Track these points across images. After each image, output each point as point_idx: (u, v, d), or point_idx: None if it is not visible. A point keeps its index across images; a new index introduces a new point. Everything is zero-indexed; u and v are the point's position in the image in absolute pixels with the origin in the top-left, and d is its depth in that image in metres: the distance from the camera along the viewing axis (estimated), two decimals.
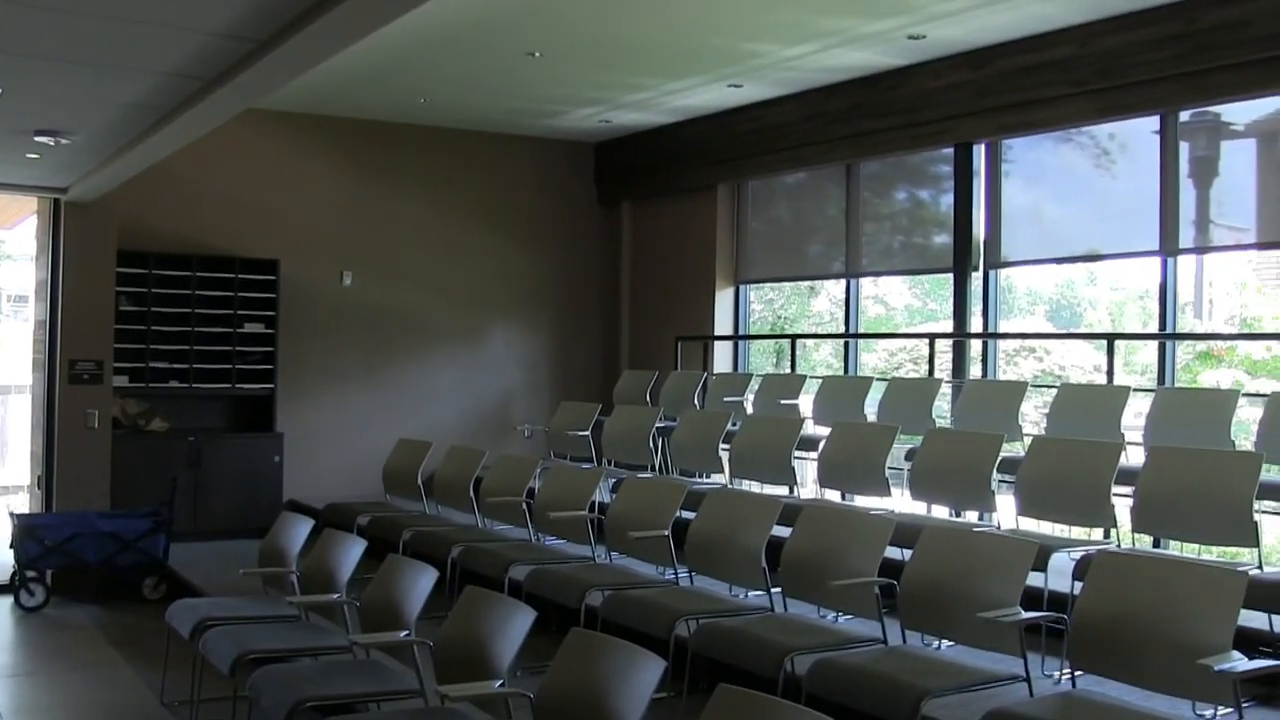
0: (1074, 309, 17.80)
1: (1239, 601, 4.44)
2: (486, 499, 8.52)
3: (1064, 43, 8.81)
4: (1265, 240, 9.09)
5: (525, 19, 8.89)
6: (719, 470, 8.99)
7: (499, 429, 12.84)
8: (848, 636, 5.58)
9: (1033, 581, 5.79)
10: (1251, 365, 11.83)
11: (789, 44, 9.45)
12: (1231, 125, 8.80)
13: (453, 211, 13.02)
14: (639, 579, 6.88)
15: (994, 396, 8.54)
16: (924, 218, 10.85)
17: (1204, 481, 6.06)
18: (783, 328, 15.34)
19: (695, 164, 12.49)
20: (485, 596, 5.14)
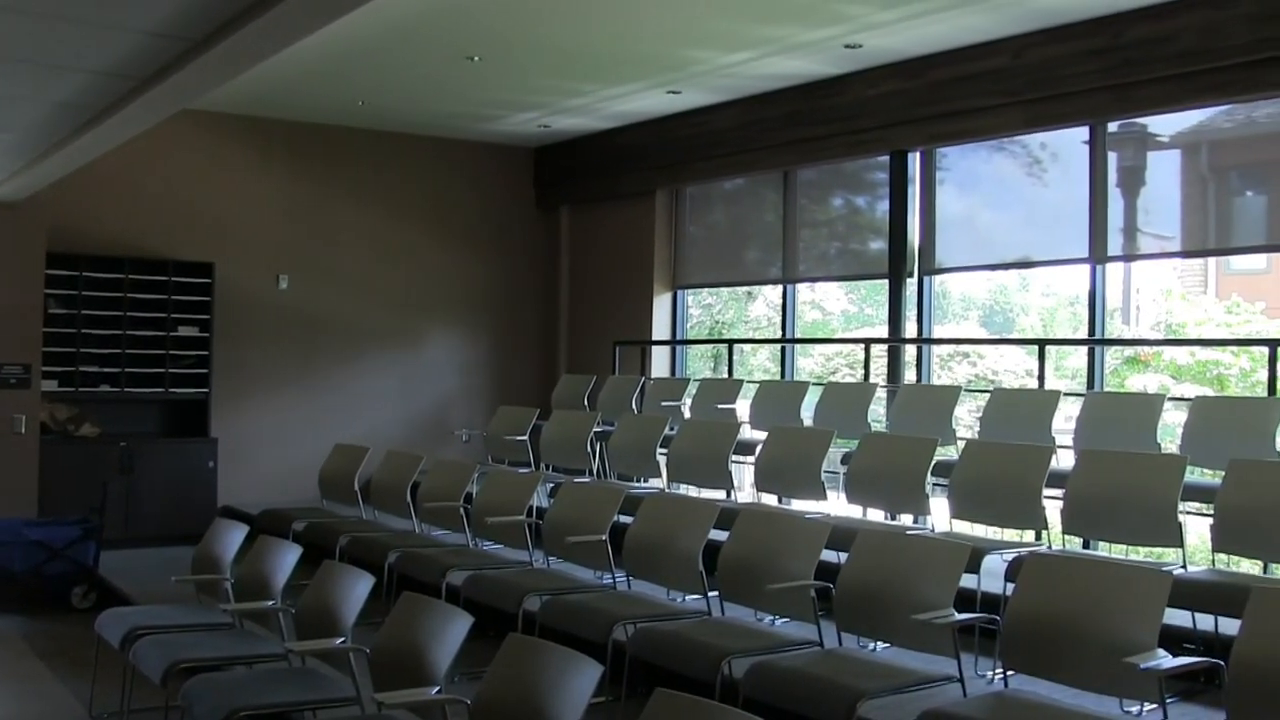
0: (1007, 314, 18.03)
1: (1163, 601, 4.53)
2: (424, 504, 8.49)
3: (996, 54, 8.95)
4: (1189, 249, 9.28)
5: (464, 23, 8.89)
6: (657, 474, 9.03)
7: (437, 434, 12.79)
8: (784, 639, 5.63)
9: (967, 583, 5.87)
10: (1176, 370, 12.08)
11: (727, 51, 9.51)
12: (1158, 137, 8.98)
13: (391, 215, 12.97)
14: (577, 583, 6.88)
15: (928, 401, 8.64)
16: (860, 224, 10.96)
17: (1131, 484, 6.19)
18: (720, 332, 15.40)
19: (634, 169, 12.52)
20: (422, 602, 5.12)
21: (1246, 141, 8.68)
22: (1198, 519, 6.66)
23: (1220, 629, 5.62)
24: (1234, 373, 11.81)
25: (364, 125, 12.59)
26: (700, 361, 14.11)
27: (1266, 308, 13.36)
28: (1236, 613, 4.36)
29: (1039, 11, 8.28)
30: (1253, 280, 16.42)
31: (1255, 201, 8.76)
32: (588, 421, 9.73)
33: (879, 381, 9.97)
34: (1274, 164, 8.30)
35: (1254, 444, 6.71)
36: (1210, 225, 8.81)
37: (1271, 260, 15.28)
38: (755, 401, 9.68)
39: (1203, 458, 6.98)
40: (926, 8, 8.24)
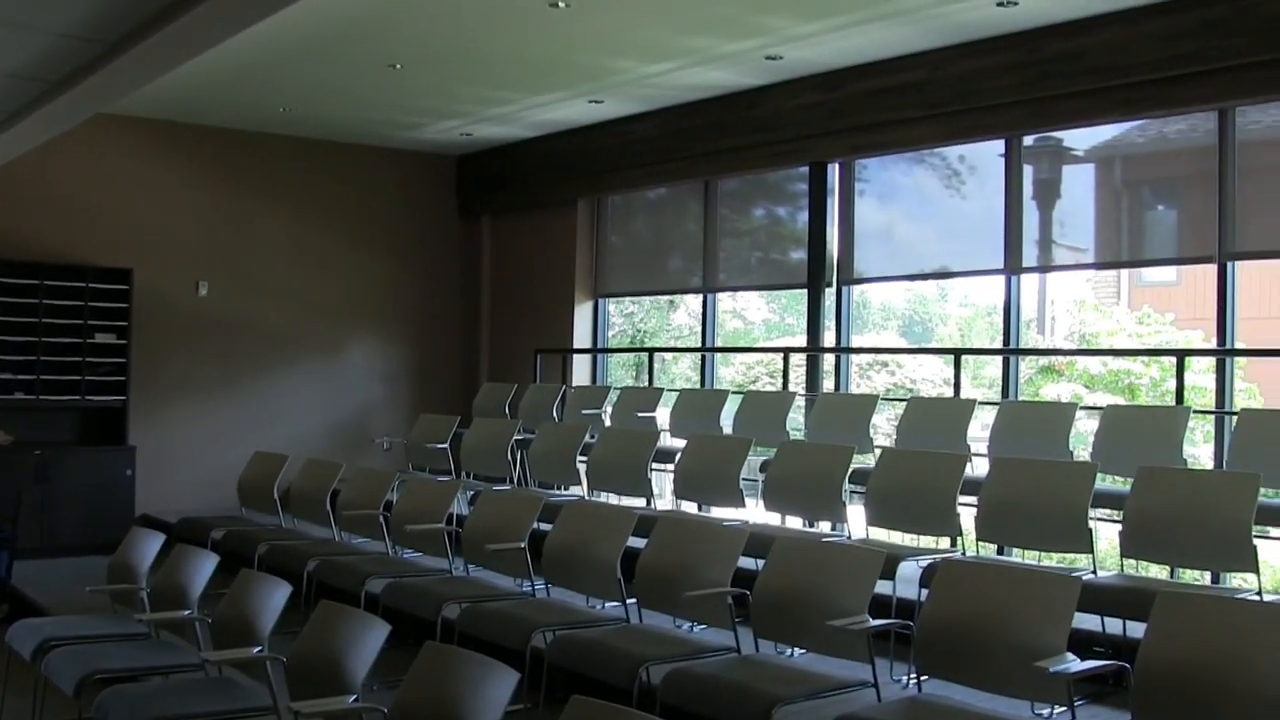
0: (926, 324, 18.26)
1: (1072, 605, 4.62)
2: (343, 512, 8.43)
3: (915, 67, 9.08)
4: (1102, 260, 9.47)
5: (386, 30, 8.85)
6: (577, 482, 9.03)
7: (358, 441, 12.71)
8: (701, 646, 5.66)
9: (883, 589, 5.96)
10: (1089, 379, 12.32)
11: (649, 61, 9.56)
12: (1073, 151, 9.15)
13: (313, 222, 12.87)
14: (496, 591, 6.87)
15: (846, 410, 8.73)
16: (782, 234, 11.05)
17: (1043, 491, 6.30)
18: (643, 341, 15.45)
19: (556, 178, 12.54)
20: (339, 611, 5.09)
21: (1158, 156, 8.87)
22: (1108, 525, 6.79)
23: (1129, 632, 5.73)
24: (1145, 382, 12.07)
25: (286, 132, 12.49)
26: (622, 370, 14.14)
27: (1176, 319, 13.67)
28: (1143, 616, 4.44)
29: (957, 26, 8.42)
30: (1164, 292, 16.78)
31: (1166, 215, 8.96)
32: (508, 429, 9.72)
33: (798, 390, 10.06)
34: (1184, 179, 8.49)
35: (1162, 452, 6.87)
36: (1123, 238, 9.00)
37: (1182, 273, 15.63)
38: (675, 410, 9.73)
39: (1113, 465, 7.13)
40: (846, 21, 8.34)
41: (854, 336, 10.61)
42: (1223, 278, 7.92)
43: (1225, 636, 4.19)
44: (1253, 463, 6.33)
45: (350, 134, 12.64)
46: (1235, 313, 7.97)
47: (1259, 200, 7.87)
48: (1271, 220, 7.91)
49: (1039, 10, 7.99)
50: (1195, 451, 9.95)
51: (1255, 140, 7.93)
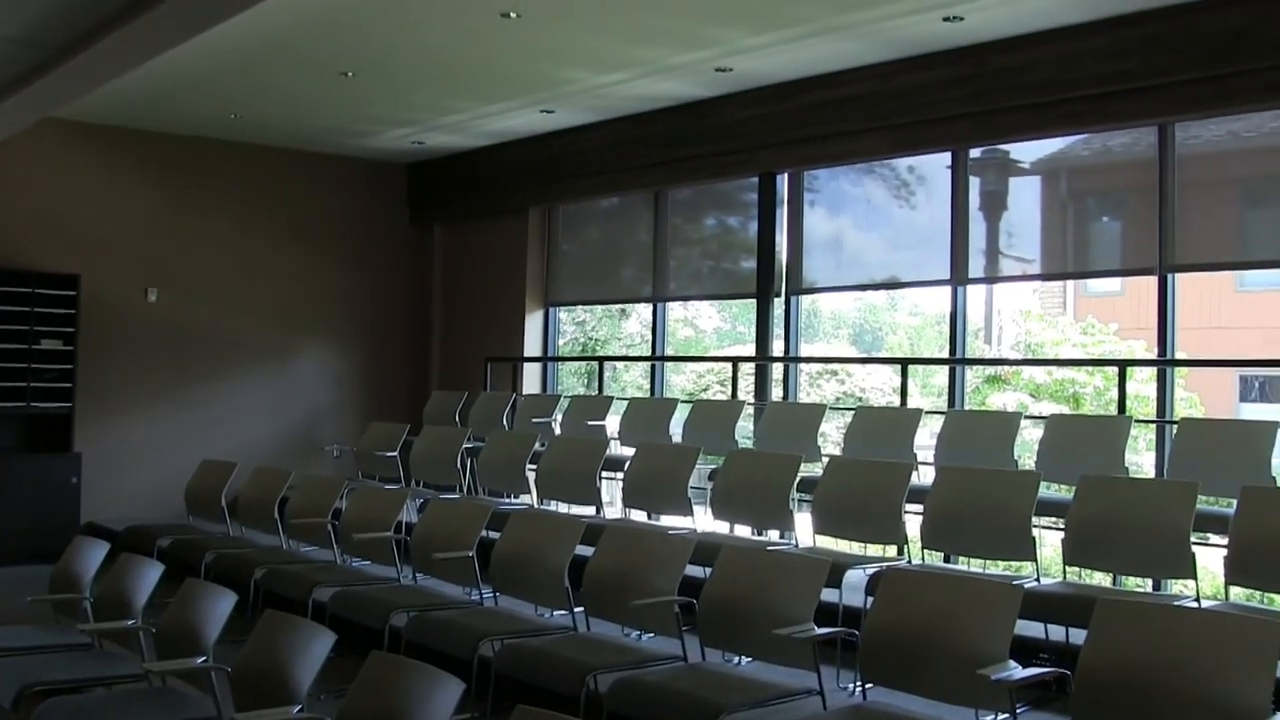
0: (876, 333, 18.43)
1: (1014, 614, 4.68)
2: (291, 520, 8.40)
3: (863, 80, 9.17)
4: (1048, 272, 9.59)
5: (337, 38, 8.82)
6: (526, 491, 9.04)
7: (308, 449, 12.64)
8: (649, 655, 5.68)
9: (829, 598, 6.01)
10: (1035, 388, 12.49)
11: (600, 72, 9.59)
12: (1019, 163, 9.26)
13: (264, 229, 12.79)
14: (444, 600, 6.87)
15: (794, 418, 8.79)
16: (733, 243, 11.10)
17: (987, 499, 6.38)
18: (594, 349, 15.48)
19: (507, 187, 12.54)
20: (285, 620, 5.07)
21: (1103, 169, 9.00)
22: (1053, 533, 6.88)
23: (1071, 639, 5.81)
24: (1089, 391, 12.26)
25: (237, 138, 12.41)
26: (574, 378, 14.16)
27: (1120, 329, 13.89)
28: (1085, 623, 4.50)
29: (904, 40, 8.51)
30: (1108, 302, 17.02)
31: (1110, 227, 9.08)
32: (458, 437, 9.71)
33: (746, 399, 10.12)
34: (1129, 191, 8.61)
35: (1104, 460, 6.97)
36: (1068, 250, 9.11)
37: (1126, 284, 15.85)
38: (625, 418, 9.75)
39: (1057, 474, 7.23)
40: (795, 34, 8.40)
41: (805, 345, 10.69)
42: (1163, 289, 8.04)
43: (1163, 643, 4.25)
44: (1192, 471, 6.46)
45: (301, 141, 12.59)
46: (1175, 324, 8.08)
47: (1198, 214, 8.00)
48: (1210, 233, 8.04)
49: (984, 25, 8.09)
50: (1139, 460, 10.09)
51: (1194, 155, 8.07)
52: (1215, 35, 7.40)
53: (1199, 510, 5.87)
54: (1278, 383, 16.84)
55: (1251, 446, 6.65)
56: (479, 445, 9.74)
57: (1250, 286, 17.09)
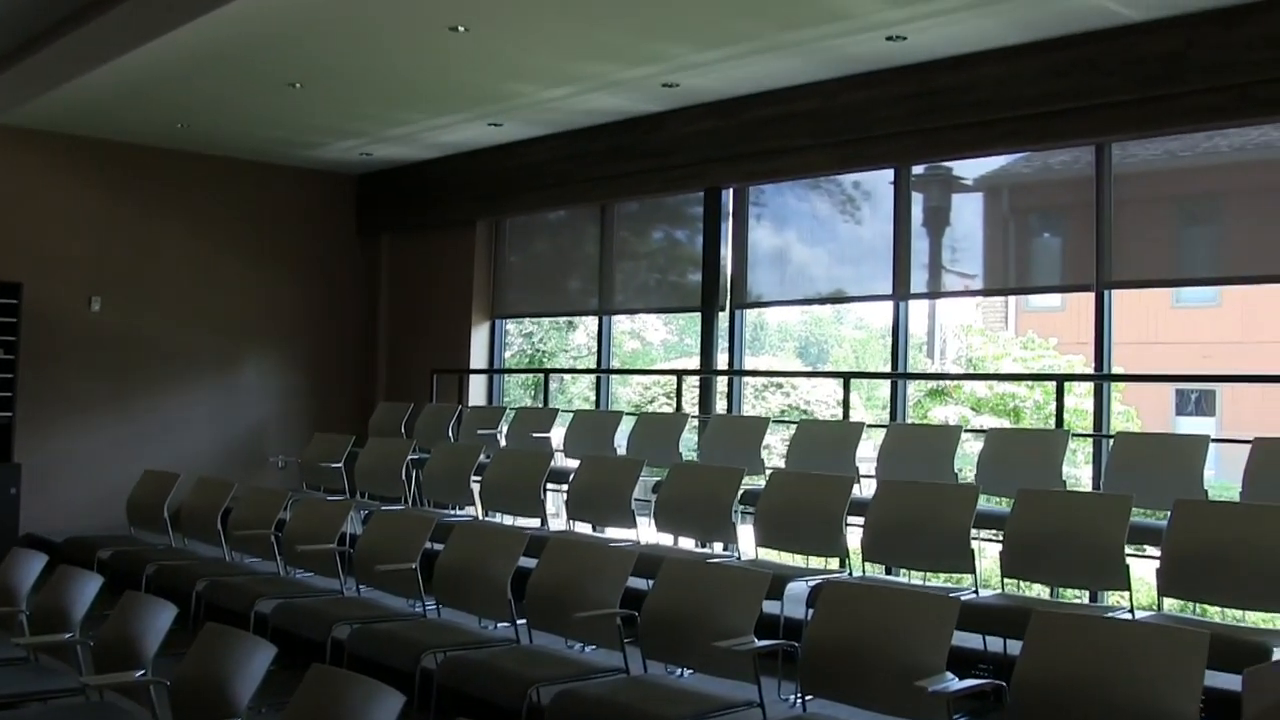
0: (822, 346, 18.57)
1: (951, 626, 4.73)
2: (234, 532, 8.34)
3: (808, 97, 9.27)
4: (990, 288, 9.71)
5: (286, 49, 8.80)
6: (471, 503, 9.03)
7: (253, 460, 12.56)
8: (591, 667, 5.70)
9: (771, 610, 6.06)
10: (976, 402, 12.63)
11: (547, 86, 9.63)
12: (962, 179, 9.37)
13: (210, 239, 12.71)
14: (387, 612, 6.85)
15: (738, 431, 8.85)
16: (679, 257, 11.15)
17: (927, 512, 6.45)
18: (542, 361, 15.49)
19: (455, 199, 12.55)
20: (225, 633, 5.03)
21: (1043, 186, 9.13)
22: (994, 545, 6.97)
23: (1010, 651, 5.87)
24: (1029, 405, 12.42)
25: (184, 147, 12.33)
26: (521, 390, 14.17)
27: (1059, 344, 14.09)
28: (1022, 635, 4.56)
29: (849, 58, 8.61)
30: (1049, 318, 17.29)
31: (1051, 243, 9.20)
32: (403, 449, 9.69)
33: (691, 412, 10.17)
34: (1068, 208, 8.73)
35: (1042, 474, 7.06)
36: (1010, 265, 9.23)
37: (1066, 299, 16.09)
38: (570, 431, 9.78)
39: (996, 486, 7.32)
40: (741, 50, 8.49)
41: (752, 357, 10.75)
42: (1100, 305, 8.18)
43: (1096, 654, 4.33)
44: (1127, 484, 6.57)
45: (249, 151, 12.53)
46: (1111, 339, 8.21)
47: (1134, 231, 8.15)
48: (1146, 250, 8.19)
49: (927, 45, 8.21)
50: (1077, 473, 10.23)
51: (1131, 173, 8.22)
52: (1150, 58, 7.56)
53: (1134, 523, 5.97)
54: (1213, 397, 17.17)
55: (1184, 460, 6.78)
56: (424, 457, 9.72)
57: (1186, 303, 17.43)
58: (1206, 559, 5.56)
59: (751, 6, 7.67)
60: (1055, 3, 7.36)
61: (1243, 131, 7.76)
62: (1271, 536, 5.41)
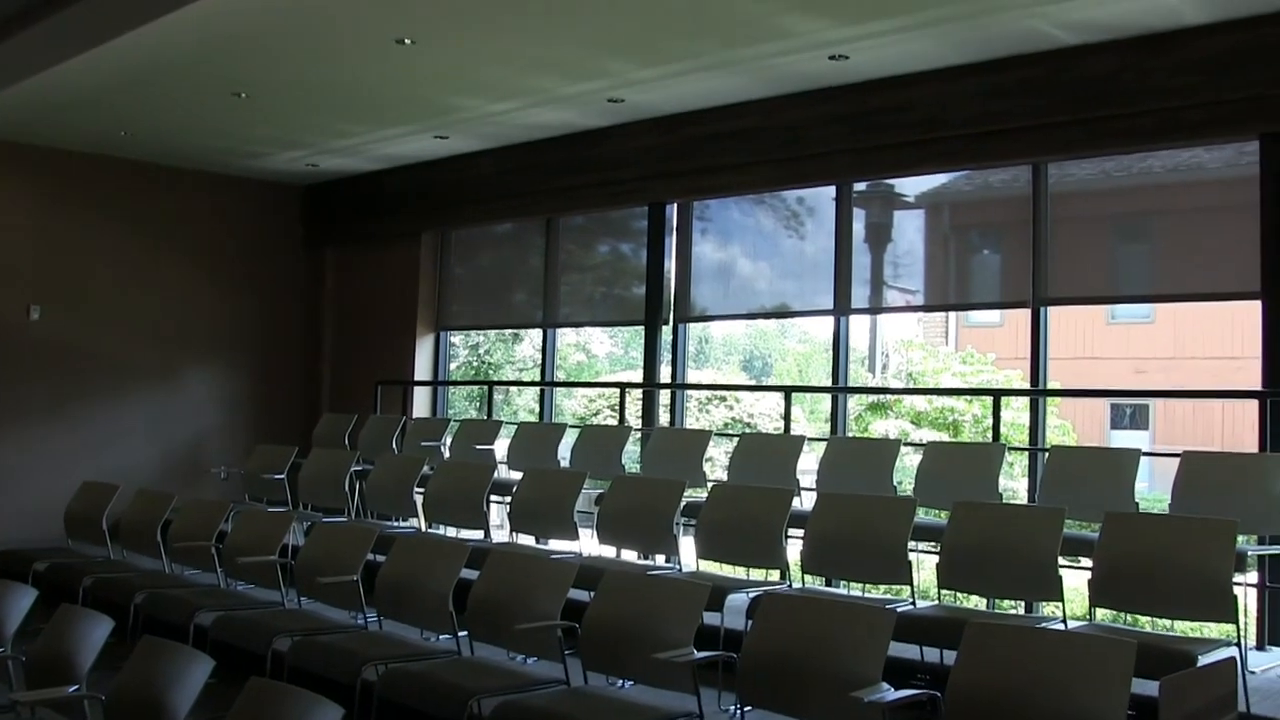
0: (766, 359, 18.70)
1: (887, 636, 4.81)
2: (174, 544, 8.29)
3: (750, 114, 9.37)
4: (931, 303, 9.84)
5: (231, 59, 8.77)
6: (414, 514, 9.03)
7: (195, 472, 12.45)
8: (532, 678, 5.72)
9: (712, 621, 6.11)
10: (916, 416, 12.78)
11: (494, 100, 9.67)
12: (904, 197, 9.50)
13: (152, 248, 12.61)
14: (328, 624, 6.84)
15: (680, 444, 8.91)
16: (625, 270, 11.21)
17: (865, 525, 6.54)
18: (488, 373, 15.50)
19: (400, 211, 12.55)
20: (162, 646, 5.02)
21: (983, 204, 9.27)
22: (932, 557, 7.07)
23: (946, 661, 5.95)
24: (968, 419, 12.58)
25: (127, 155, 12.22)
26: (467, 401, 14.17)
27: (998, 359, 14.29)
28: (957, 645, 4.64)
29: (791, 77, 8.72)
30: (988, 333, 17.54)
31: (990, 260, 9.34)
32: (346, 460, 9.67)
33: (634, 425, 10.22)
34: (1008, 226, 8.85)
35: (979, 487, 7.19)
36: (950, 281, 9.36)
37: (1005, 315, 16.34)
38: (513, 443, 9.79)
39: (934, 499, 7.44)
40: (683, 68, 8.58)
41: (697, 370, 10.81)
42: (1036, 321, 8.32)
43: (1028, 664, 4.42)
44: (1061, 497, 6.70)
45: (193, 160, 12.45)
46: (1048, 354, 8.35)
47: (1070, 249, 8.30)
48: (1081, 268, 8.35)
49: (867, 65, 8.33)
50: (1015, 485, 10.39)
51: (1068, 192, 8.38)
52: (1084, 81, 7.73)
53: (1068, 534, 6.09)
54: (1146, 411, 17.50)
55: (1117, 473, 6.92)
56: (368, 468, 9.71)
57: (1121, 319, 17.75)
58: (1136, 570, 5.67)
59: (696, 25, 7.76)
60: (993, 25, 7.51)
61: (1175, 153, 7.94)
62: (1198, 548, 5.53)
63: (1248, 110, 7.21)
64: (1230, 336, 15.51)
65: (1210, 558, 5.46)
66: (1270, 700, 5.59)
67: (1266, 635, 6.81)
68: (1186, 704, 4.16)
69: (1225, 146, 7.66)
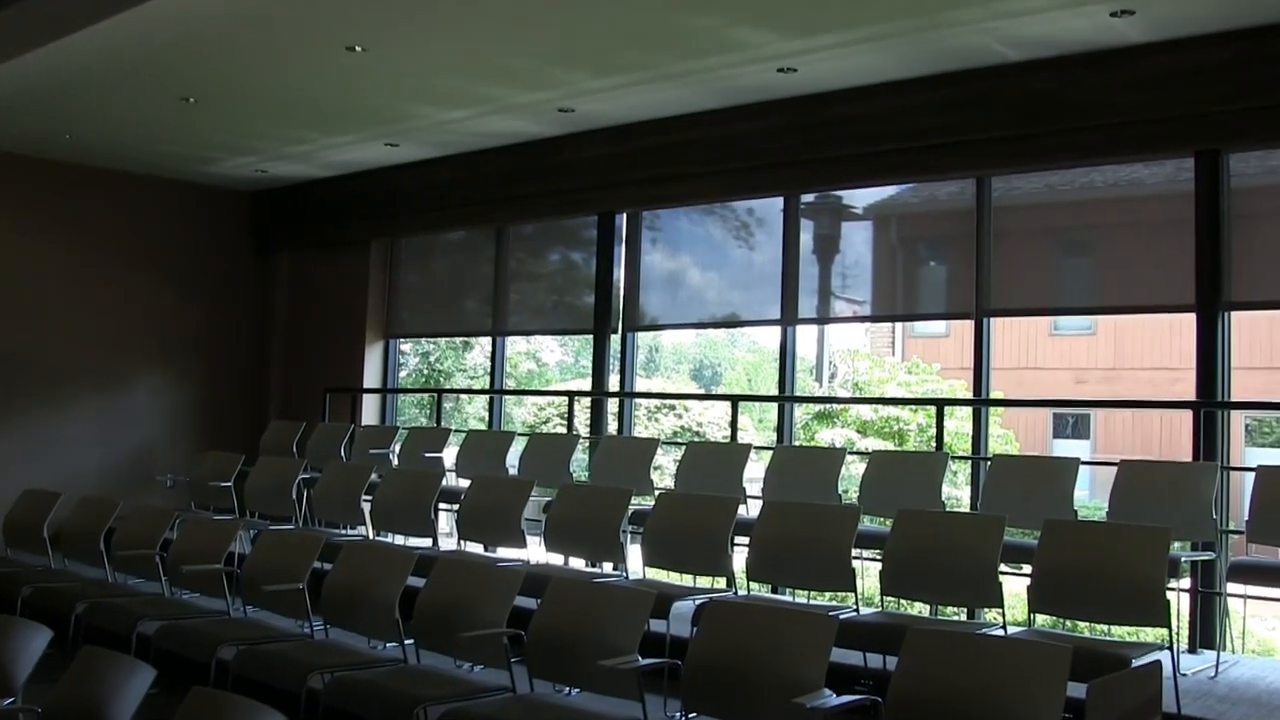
0: (715, 368, 18.78)
1: (829, 643, 4.86)
2: (118, 552, 8.21)
3: (700, 125, 9.46)
4: (878, 313, 9.94)
5: (180, 63, 8.73)
6: (361, 522, 9.01)
7: (141, 479, 12.32)
8: (478, 686, 5.73)
9: (658, 628, 6.16)
10: (863, 425, 12.91)
11: (445, 108, 9.69)
12: (852, 208, 9.60)
13: (99, 254, 12.49)
14: (274, 633, 6.80)
15: (628, 452, 8.96)
16: (576, 279, 11.25)
17: (810, 532, 6.61)
18: (438, 380, 15.47)
19: (351, 218, 12.53)
20: (102, 656, 4.95)
21: (930, 216, 9.40)
22: (876, 564, 7.15)
23: (889, 667, 6.02)
24: (913, 428, 12.72)
25: (71, 159, 12.11)
26: (418, 409, 14.14)
27: (943, 369, 14.46)
28: (899, 651, 4.70)
29: (740, 89, 8.80)
30: (934, 343, 17.76)
31: (936, 271, 9.46)
32: (294, 468, 9.63)
33: (583, 433, 10.26)
34: (953, 238, 8.99)
35: (922, 495, 7.30)
36: (897, 292, 9.47)
37: (951, 326, 16.54)
38: (462, 451, 9.79)
39: (878, 507, 7.53)
40: (636, 79, 8.64)
41: (646, 379, 10.86)
42: (979, 333, 8.44)
43: (967, 668, 4.49)
44: (1003, 504, 6.83)
45: (141, 165, 12.36)
46: (990, 365, 8.47)
47: (1013, 261, 8.43)
48: (1024, 280, 8.48)
49: (816, 78, 8.43)
50: (959, 494, 10.52)
51: (1012, 205, 8.51)
52: (1028, 96, 7.87)
53: (1009, 542, 6.21)
54: (1088, 420, 17.77)
55: (1056, 481, 7.06)
56: (316, 476, 9.67)
57: (1064, 330, 18.02)
58: (1074, 576, 5.78)
59: (647, 37, 7.83)
60: (939, 41, 7.62)
61: (1116, 168, 8.10)
62: (1133, 554, 5.65)
63: (1185, 128, 7.38)
64: (1168, 348, 15.81)
65: (1144, 564, 5.58)
66: (1200, 701, 5.73)
67: (1198, 639, 6.96)
68: (1113, 706, 4.25)
69: (1165, 163, 7.84)
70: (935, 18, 7.25)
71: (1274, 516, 6.45)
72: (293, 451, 10.86)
